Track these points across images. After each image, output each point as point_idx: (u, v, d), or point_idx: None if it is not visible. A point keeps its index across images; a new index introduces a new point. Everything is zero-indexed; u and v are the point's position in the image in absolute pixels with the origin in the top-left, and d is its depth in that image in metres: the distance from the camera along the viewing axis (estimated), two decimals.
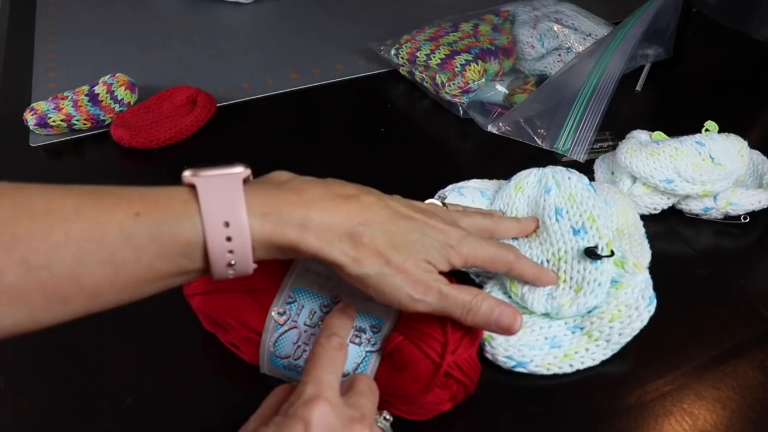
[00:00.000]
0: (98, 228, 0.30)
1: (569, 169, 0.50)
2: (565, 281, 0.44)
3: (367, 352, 0.39)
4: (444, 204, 0.45)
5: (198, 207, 0.32)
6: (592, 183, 0.49)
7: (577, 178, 0.49)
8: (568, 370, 0.43)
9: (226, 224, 0.32)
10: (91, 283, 0.30)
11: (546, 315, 0.44)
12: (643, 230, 0.50)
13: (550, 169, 0.50)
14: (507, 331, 0.38)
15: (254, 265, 0.34)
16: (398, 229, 0.36)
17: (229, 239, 0.32)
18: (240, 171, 0.34)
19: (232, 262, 0.33)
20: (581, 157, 0.61)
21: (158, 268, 0.32)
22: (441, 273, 0.38)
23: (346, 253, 0.35)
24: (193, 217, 0.32)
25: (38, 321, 0.30)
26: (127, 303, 0.32)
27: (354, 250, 0.35)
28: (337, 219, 0.35)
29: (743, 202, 0.53)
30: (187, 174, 0.33)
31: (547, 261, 0.45)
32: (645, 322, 0.43)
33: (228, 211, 0.32)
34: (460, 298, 0.37)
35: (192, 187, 0.33)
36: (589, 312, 0.43)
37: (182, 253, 0.32)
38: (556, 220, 0.46)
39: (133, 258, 0.31)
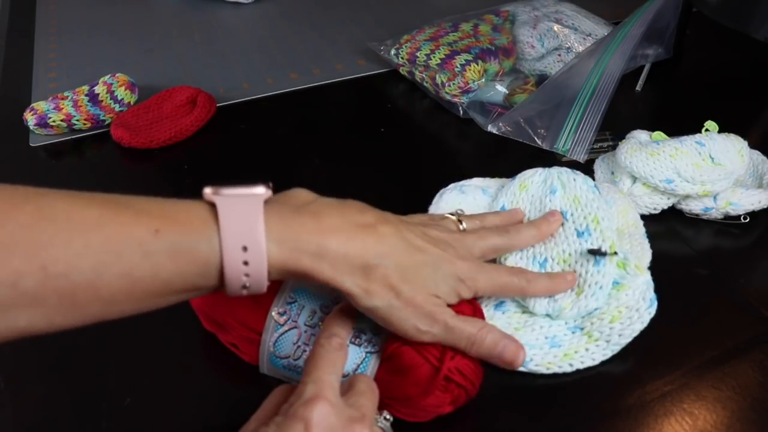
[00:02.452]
0: (118, 242, 0.30)
1: (575, 170, 0.50)
2: None
3: (367, 353, 0.39)
4: (460, 220, 0.44)
5: (217, 228, 0.32)
6: (597, 184, 0.49)
7: (582, 180, 0.49)
8: (568, 369, 0.43)
9: (245, 249, 0.32)
10: (108, 294, 0.30)
11: (546, 315, 0.44)
12: (643, 230, 0.50)
13: (555, 170, 0.50)
14: (509, 365, 0.39)
15: (267, 283, 0.34)
16: (411, 264, 0.37)
17: (246, 263, 0.32)
18: (261, 192, 0.34)
19: (247, 285, 0.33)
20: (581, 158, 0.61)
21: (174, 285, 0.32)
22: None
23: (359, 284, 0.35)
24: (212, 238, 0.32)
25: (53, 324, 0.30)
26: (142, 312, 0.33)
27: (366, 282, 0.35)
28: (353, 250, 0.35)
29: (743, 202, 0.53)
30: (207, 191, 0.33)
31: (552, 258, 0.45)
32: (645, 324, 0.43)
33: (247, 236, 0.32)
34: (465, 331, 0.38)
35: (212, 204, 0.33)
36: (590, 313, 0.43)
37: (198, 273, 0.32)
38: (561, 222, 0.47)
39: (150, 274, 0.31)
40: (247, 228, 0.32)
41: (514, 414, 0.41)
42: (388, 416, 0.36)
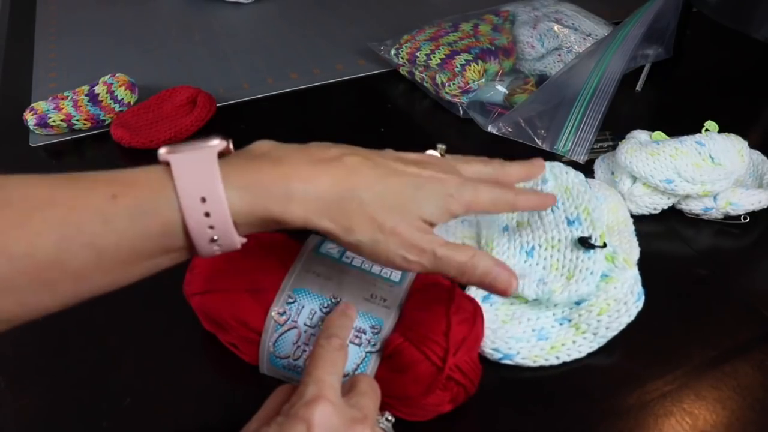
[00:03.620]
0: (75, 213, 0.30)
1: (567, 165, 0.50)
2: (557, 269, 0.44)
3: (367, 352, 0.39)
4: (441, 154, 0.42)
5: (173, 184, 0.31)
6: (588, 180, 0.50)
7: (574, 174, 0.50)
8: (555, 362, 0.43)
9: (203, 200, 0.31)
10: (76, 267, 0.30)
11: (534, 306, 0.44)
12: (632, 227, 0.51)
13: (548, 164, 0.50)
14: (501, 293, 0.37)
15: (242, 240, 0.33)
16: (389, 189, 0.35)
17: (207, 215, 0.31)
18: (215, 144, 0.33)
19: (215, 238, 0.32)
20: (581, 158, 0.61)
21: (141, 249, 0.31)
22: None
23: (336, 221, 0.33)
24: (169, 195, 0.31)
25: (27, 307, 0.30)
26: (117, 287, 0.32)
27: (344, 217, 0.33)
28: (322, 187, 0.33)
29: (743, 202, 0.53)
30: (162, 151, 0.32)
31: (539, 246, 0.45)
32: (633, 317, 0.44)
33: (203, 186, 0.31)
34: (454, 260, 0.35)
35: (168, 164, 0.32)
36: (578, 303, 0.44)
37: (163, 233, 0.31)
38: (552, 210, 0.47)
39: (114, 240, 0.30)
40: (202, 178, 0.31)
41: (513, 414, 0.41)
42: (389, 417, 0.36)
